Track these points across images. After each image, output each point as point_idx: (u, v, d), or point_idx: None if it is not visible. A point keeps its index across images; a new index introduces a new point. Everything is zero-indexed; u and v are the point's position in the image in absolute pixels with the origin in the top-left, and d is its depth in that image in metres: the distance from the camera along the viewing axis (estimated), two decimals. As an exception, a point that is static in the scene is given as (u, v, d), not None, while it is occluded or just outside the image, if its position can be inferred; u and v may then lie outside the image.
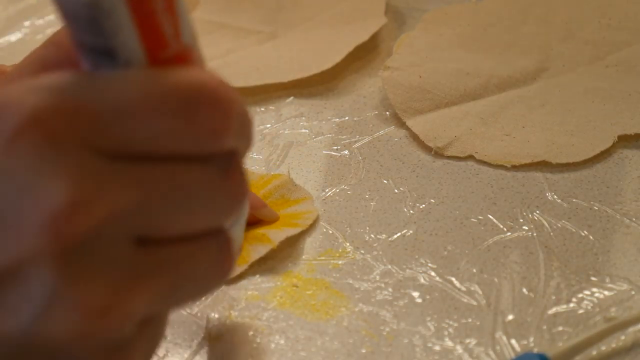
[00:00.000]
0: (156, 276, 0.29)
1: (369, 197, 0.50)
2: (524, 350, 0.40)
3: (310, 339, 0.42)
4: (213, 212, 0.30)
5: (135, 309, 0.28)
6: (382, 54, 0.61)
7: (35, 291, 0.27)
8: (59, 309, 0.27)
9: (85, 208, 0.27)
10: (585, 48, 0.58)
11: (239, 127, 0.29)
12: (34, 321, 0.27)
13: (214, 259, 0.30)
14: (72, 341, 0.27)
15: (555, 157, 0.51)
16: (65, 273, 0.27)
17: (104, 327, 0.28)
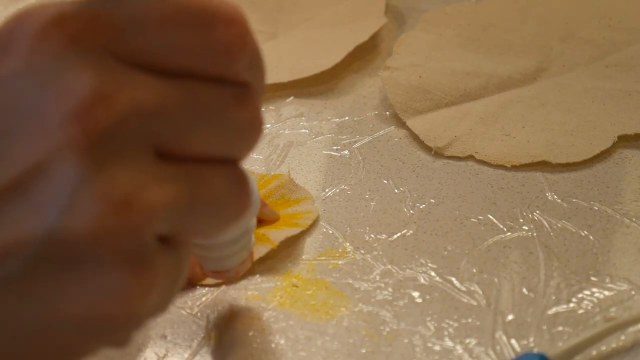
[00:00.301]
0: (176, 184, 0.29)
1: (369, 197, 0.50)
2: (524, 350, 0.40)
3: (310, 339, 0.42)
4: (229, 136, 0.30)
5: (156, 210, 0.29)
6: (382, 54, 0.61)
7: (60, 184, 0.27)
8: (83, 201, 0.27)
9: (109, 101, 0.28)
10: (585, 48, 0.58)
11: (252, 58, 0.30)
12: (58, 217, 0.27)
13: (231, 189, 0.31)
14: (94, 238, 0.28)
15: (555, 157, 0.51)
16: (89, 164, 0.27)
17: (126, 221, 0.28)
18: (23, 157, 0.28)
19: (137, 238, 0.28)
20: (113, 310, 0.29)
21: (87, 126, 0.27)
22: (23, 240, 0.28)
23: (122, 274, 0.28)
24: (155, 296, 0.30)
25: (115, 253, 0.28)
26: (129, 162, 0.28)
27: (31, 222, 0.28)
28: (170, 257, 0.30)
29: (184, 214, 0.30)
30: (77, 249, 0.28)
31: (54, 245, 0.28)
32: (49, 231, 0.28)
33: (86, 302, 0.29)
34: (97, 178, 0.28)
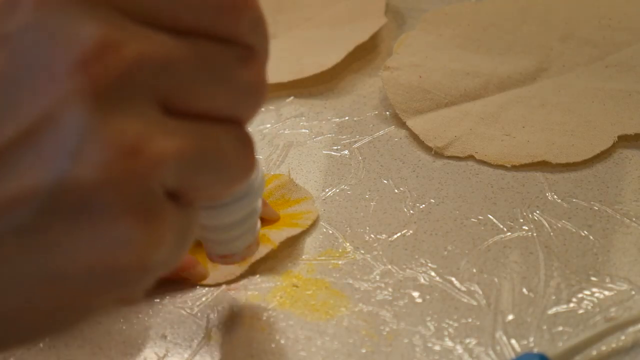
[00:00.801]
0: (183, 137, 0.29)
1: (369, 197, 0.50)
2: (524, 350, 0.40)
3: (310, 339, 0.42)
4: (233, 95, 0.31)
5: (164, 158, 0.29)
6: (382, 54, 0.61)
7: (68, 132, 0.28)
8: (91, 147, 0.28)
9: (115, 50, 0.28)
10: (585, 48, 0.58)
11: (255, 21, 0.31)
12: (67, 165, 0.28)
13: (237, 147, 0.31)
14: (103, 185, 0.28)
15: (555, 157, 0.51)
16: (97, 112, 0.28)
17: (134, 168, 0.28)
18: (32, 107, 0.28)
19: (145, 186, 0.29)
20: (123, 259, 0.29)
21: (94, 75, 0.28)
22: (33, 189, 0.28)
23: (131, 223, 0.29)
24: (164, 250, 0.30)
25: (123, 201, 0.28)
26: (136, 113, 0.29)
27: (41, 171, 0.28)
28: (178, 213, 0.30)
29: (191, 167, 0.30)
30: (86, 196, 0.28)
31: (64, 194, 0.28)
32: (58, 179, 0.28)
33: (96, 251, 0.29)
34: (105, 126, 0.28)
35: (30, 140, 0.28)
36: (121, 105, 0.28)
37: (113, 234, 0.29)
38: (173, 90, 0.30)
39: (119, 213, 0.28)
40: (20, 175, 0.28)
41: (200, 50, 0.30)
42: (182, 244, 0.31)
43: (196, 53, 0.30)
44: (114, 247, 0.29)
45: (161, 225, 0.29)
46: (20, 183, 0.28)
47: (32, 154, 0.28)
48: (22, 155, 0.28)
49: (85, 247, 0.29)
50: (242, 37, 0.31)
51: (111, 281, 0.30)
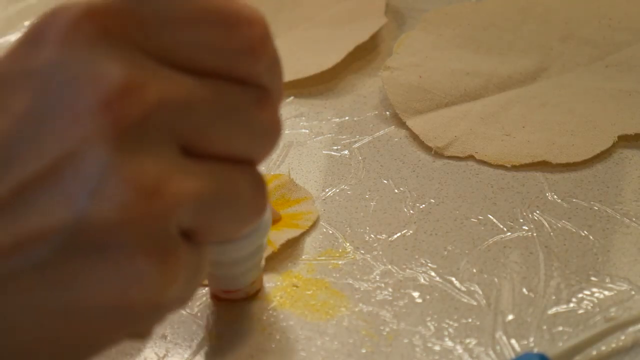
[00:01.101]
0: (200, 178, 0.30)
1: (369, 197, 0.50)
2: (524, 350, 0.40)
3: (310, 339, 0.42)
4: (249, 137, 0.31)
5: (182, 199, 0.29)
6: (382, 54, 0.61)
7: (90, 171, 0.28)
8: (111, 187, 0.28)
9: (138, 92, 0.29)
10: (585, 48, 0.58)
11: (272, 62, 0.31)
12: (87, 203, 0.28)
13: (250, 189, 0.32)
14: (121, 224, 0.28)
15: (555, 157, 0.51)
16: (118, 152, 0.28)
17: (153, 208, 0.29)
18: (54, 146, 0.28)
19: (162, 227, 0.29)
20: (138, 298, 0.30)
21: (117, 116, 0.28)
22: (53, 226, 0.28)
23: (147, 262, 0.29)
24: (177, 288, 0.30)
25: (140, 240, 0.29)
26: (156, 154, 0.29)
27: (61, 209, 0.28)
28: (191, 252, 0.31)
29: (207, 208, 0.31)
30: (105, 235, 0.28)
31: (83, 232, 0.28)
32: (78, 217, 0.28)
33: (111, 288, 0.29)
34: (126, 166, 0.28)
35: (52, 179, 0.28)
36: (141, 146, 0.29)
37: (128, 272, 0.29)
38: (192, 132, 0.30)
39: (135, 252, 0.29)
40: (41, 212, 0.28)
41: (219, 92, 0.30)
42: (194, 281, 0.32)
43: (215, 94, 0.30)
44: (129, 285, 0.29)
45: (175, 264, 0.30)
46: (41, 220, 0.28)
47: (53, 192, 0.28)
48: (43, 193, 0.28)
49: (100, 284, 0.29)
50: (259, 79, 0.31)
51: (125, 317, 0.30)
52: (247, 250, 0.40)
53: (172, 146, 0.30)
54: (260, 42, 0.31)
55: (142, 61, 0.29)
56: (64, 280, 0.29)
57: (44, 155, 0.29)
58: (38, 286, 0.29)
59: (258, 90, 0.31)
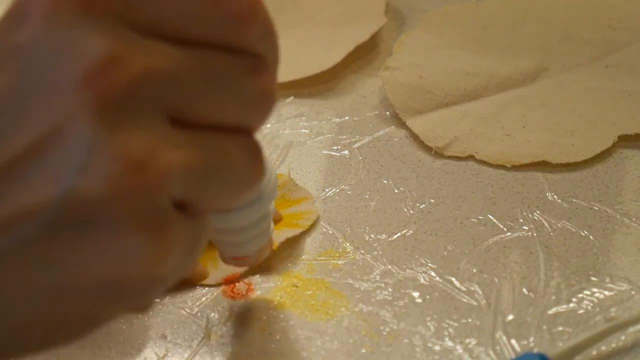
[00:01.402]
0: (190, 149, 0.30)
1: (369, 197, 0.50)
2: (524, 350, 0.40)
3: (310, 339, 0.42)
4: (242, 105, 0.31)
5: (171, 171, 0.29)
6: (382, 54, 0.61)
7: (75, 146, 0.28)
8: (98, 162, 0.28)
9: (121, 64, 0.28)
10: (585, 48, 0.58)
11: (264, 29, 0.31)
12: (74, 178, 0.28)
13: (245, 157, 0.32)
14: (110, 199, 0.28)
15: (555, 157, 0.51)
16: (103, 126, 0.28)
17: (141, 181, 0.28)
18: (38, 121, 0.28)
19: (153, 200, 0.29)
20: (130, 272, 0.29)
21: (100, 89, 0.28)
22: (40, 203, 0.28)
23: (139, 237, 0.29)
24: (172, 261, 0.30)
25: (131, 215, 0.28)
26: (143, 126, 0.29)
27: (48, 185, 0.28)
28: (187, 224, 0.30)
29: (199, 179, 0.30)
30: (94, 210, 0.28)
31: (71, 208, 0.28)
32: (66, 193, 0.28)
33: (104, 264, 0.29)
34: (112, 140, 0.28)
35: (37, 155, 0.28)
36: (128, 119, 0.28)
37: (120, 247, 0.29)
38: (180, 102, 0.30)
39: (126, 226, 0.28)
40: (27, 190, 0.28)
41: (207, 61, 0.30)
42: (191, 254, 0.31)
43: (203, 64, 0.30)
44: (121, 260, 0.29)
45: (169, 237, 0.29)
46: (28, 197, 0.28)
47: (39, 169, 0.28)
48: (29, 170, 0.28)
49: (92, 260, 0.29)
50: (251, 47, 0.31)
51: (119, 293, 0.30)
52: (253, 217, 0.40)
53: (160, 118, 0.29)
54: (250, 9, 0.30)
55: (125, 33, 0.29)
56: (54, 257, 0.29)
57: (28, 131, 0.28)
58: (28, 264, 0.29)
59: (251, 58, 0.31)
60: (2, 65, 0.29)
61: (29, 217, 0.28)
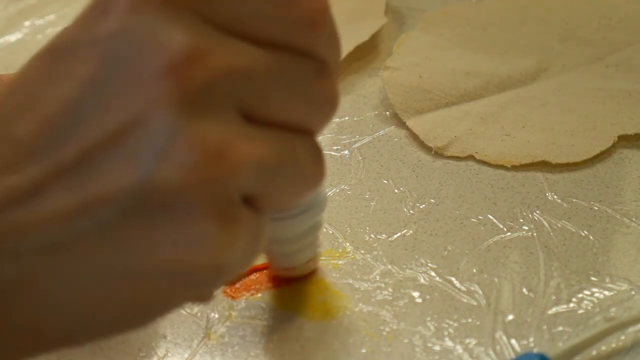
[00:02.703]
0: (262, 144, 0.31)
1: (369, 197, 0.50)
2: (524, 350, 0.40)
3: (310, 339, 0.42)
4: (308, 107, 0.32)
5: (245, 164, 0.30)
6: (382, 54, 0.61)
7: (155, 135, 0.29)
8: (178, 150, 0.29)
9: (202, 59, 0.29)
10: (585, 48, 0.58)
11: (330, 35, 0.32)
12: (153, 166, 0.29)
13: (310, 157, 0.33)
14: (186, 186, 0.29)
15: (555, 157, 0.51)
16: (183, 117, 0.29)
17: (217, 172, 0.29)
18: (120, 110, 0.29)
19: (226, 190, 0.30)
20: (201, 260, 0.30)
21: (182, 80, 0.29)
22: (119, 189, 0.29)
23: (210, 224, 0.30)
24: (238, 252, 0.31)
25: (204, 202, 0.29)
26: (219, 119, 0.30)
27: (127, 172, 0.29)
28: (251, 219, 0.32)
29: (268, 174, 0.31)
30: (170, 197, 0.29)
31: (148, 194, 0.29)
32: (144, 179, 0.29)
33: (175, 250, 0.30)
34: (191, 129, 0.29)
35: (118, 142, 0.29)
36: (206, 111, 0.29)
37: (192, 234, 0.30)
38: (254, 100, 0.31)
39: (199, 214, 0.30)
40: (107, 176, 0.29)
41: (280, 61, 0.31)
42: (253, 249, 0.32)
43: (277, 64, 0.31)
44: (192, 247, 0.30)
45: (237, 228, 0.31)
46: (107, 182, 0.29)
47: (119, 155, 0.29)
48: (109, 156, 0.29)
49: (164, 246, 0.30)
50: (318, 51, 0.32)
51: (187, 280, 0.31)
52: (303, 227, 0.41)
53: (234, 112, 0.30)
54: (321, 14, 0.31)
55: (205, 29, 0.30)
56: (129, 242, 0.30)
57: (110, 119, 0.29)
58: (103, 248, 0.30)
59: (316, 62, 0.32)
60: (86, 56, 0.30)
61: (108, 202, 0.29)
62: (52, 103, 0.30)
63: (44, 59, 0.31)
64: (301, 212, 0.41)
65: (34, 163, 0.29)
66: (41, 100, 0.30)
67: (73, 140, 0.29)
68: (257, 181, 0.31)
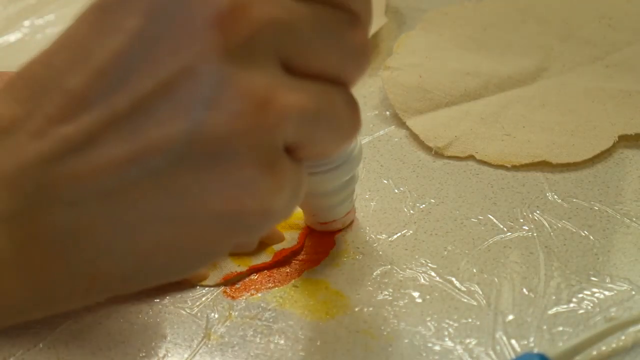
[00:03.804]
0: (303, 93, 0.32)
1: (369, 197, 0.50)
2: (524, 350, 0.40)
3: (310, 339, 0.42)
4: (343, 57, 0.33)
5: (290, 111, 0.31)
6: (382, 54, 0.61)
7: (205, 84, 0.30)
8: (226, 98, 0.30)
9: (248, 10, 0.31)
10: (585, 48, 0.58)
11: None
12: (203, 114, 0.30)
13: (347, 106, 0.34)
14: (235, 134, 0.30)
15: (555, 157, 0.51)
16: (231, 67, 0.30)
17: (263, 119, 0.31)
18: (169, 61, 0.30)
19: (272, 138, 0.31)
20: (248, 204, 0.32)
21: (228, 32, 0.30)
22: (171, 137, 0.30)
23: (257, 170, 0.31)
24: (283, 199, 0.33)
25: (251, 149, 0.31)
26: (263, 69, 0.31)
27: (178, 120, 0.30)
28: (294, 168, 0.33)
29: (309, 123, 0.32)
30: (219, 144, 0.30)
31: (198, 141, 0.30)
32: (195, 127, 0.30)
33: (224, 196, 0.31)
34: (239, 79, 0.30)
35: (168, 92, 0.30)
36: (250, 61, 0.31)
37: (240, 179, 0.31)
38: (293, 50, 0.32)
39: (247, 161, 0.31)
40: (158, 124, 0.30)
41: (316, 13, 0.32)
42: (295, 196, 0.34)
43: (313, 16, 0.32)
44: (240, 191, 0.31)
45: (282, 174, 0.32)
46: (159, 131, 0.30)
47: (170, 105, 0.30)
48: (160, 106, 0.30)
49: (214, 192, 0.31)
50: (351, 3, 0.33)
51: (236, 225, 0.32)
52: (341, 179, 0.43)
53: (276, 64, 0.31)
54: None
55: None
56: (180, 188, 0.31)
57: (160, 70, 0.30)
58: (155, 194, 0.31)
59: (349, 14, 0.33)
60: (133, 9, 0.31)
61: (160, 150, 0.30)
62: (102, 55, 0.31)
63: (93, 13, 0.32)
64: (338, 165, 0.42)
65: (87, 113, 0.31)
66: (92, 53, 0.31)
67: (124, 91, 0.30)
68: (298, 130, 0.32)
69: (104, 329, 0.43)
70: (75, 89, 0.31)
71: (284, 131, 0.32)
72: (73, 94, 0.31)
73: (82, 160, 0.31)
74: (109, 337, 0.42)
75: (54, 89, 0.31)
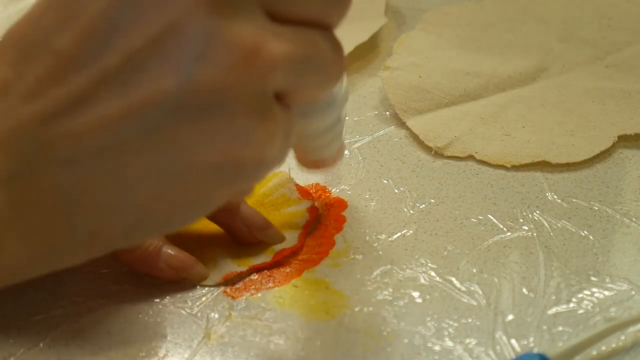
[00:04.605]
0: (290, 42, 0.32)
1: (369, 197, 0.50)
2: (524, 350, 0.41)
3: (310, 339, 0.42)
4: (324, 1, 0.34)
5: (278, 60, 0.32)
6: (382, 54, 0.61)
7: (193, 38, 0.31)
8: (215, 51, 0.31)
9: None
10: (585, 48, 0.58)
11: None
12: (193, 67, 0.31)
13: (331, 50, 0.35)
14: (226, 85, 0.31)
15: (555, 157, 0.51)
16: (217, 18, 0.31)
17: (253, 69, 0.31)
18: (157, 17, 0.31)
19: (262, 87, 0.32)
20: (243, 153, 0.32)
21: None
22: (162, 91, 0.31)
23: (250, 119, 0.32)
24: (275, 147, 0.33)
25: (243, 99, 0.31)
26: (249, 20, 0.31)
27: (169, 75, 0.31)
28: (284, 115, 0.33)
29: (297, 69, 0.33)
30: (210, 96, 0.31)
31: (190, 94, 0.31)
32: (185, 81, 0.31)
33: (219, 147, 0.32)
34: (225, 31, 0.31)
35: (157, 48, 0.31)
36: (235, 12, 0.31)
37: (233, 129, 0.32)
38: None
39: (239, 111, 0.31)
40: (149, 80, 0.31)
41: None
42: (287, 142, 0.34)
43: None
44: (234, 141, 0.32)
45: (274, 122, 0.33)
46: (150, 86, 0.31)
47: (159, 60, 0.31)
48: (150, 62, 0.31)
49: (208, 143, 0.32)
50: None
51: (232, 174, 0.33)
52: (330, 119, 0.42)
53: (260, 12, 0.32)
54: None
55: None
56: (175, 141, 0.31)
57: (147, 26, 0.31)
58: (150, 149, 0.31)
59: None
60: None
61: (152, 105, 0.31)
62: (88, 15, 0.31)
63: None
64: (326, 105, 0.42)
65: (77, 72, 0.31)
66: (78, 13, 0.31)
67: (113, 49, 0.31)
68: (287, 77, 0.32)
69: (104, 329, 0.43)
70: (64, 49, 0.31)
71: (273, 79, 0.32)
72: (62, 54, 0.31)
73: (77, 119, 0.31)
74: (109, 337, 0.42)
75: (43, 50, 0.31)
